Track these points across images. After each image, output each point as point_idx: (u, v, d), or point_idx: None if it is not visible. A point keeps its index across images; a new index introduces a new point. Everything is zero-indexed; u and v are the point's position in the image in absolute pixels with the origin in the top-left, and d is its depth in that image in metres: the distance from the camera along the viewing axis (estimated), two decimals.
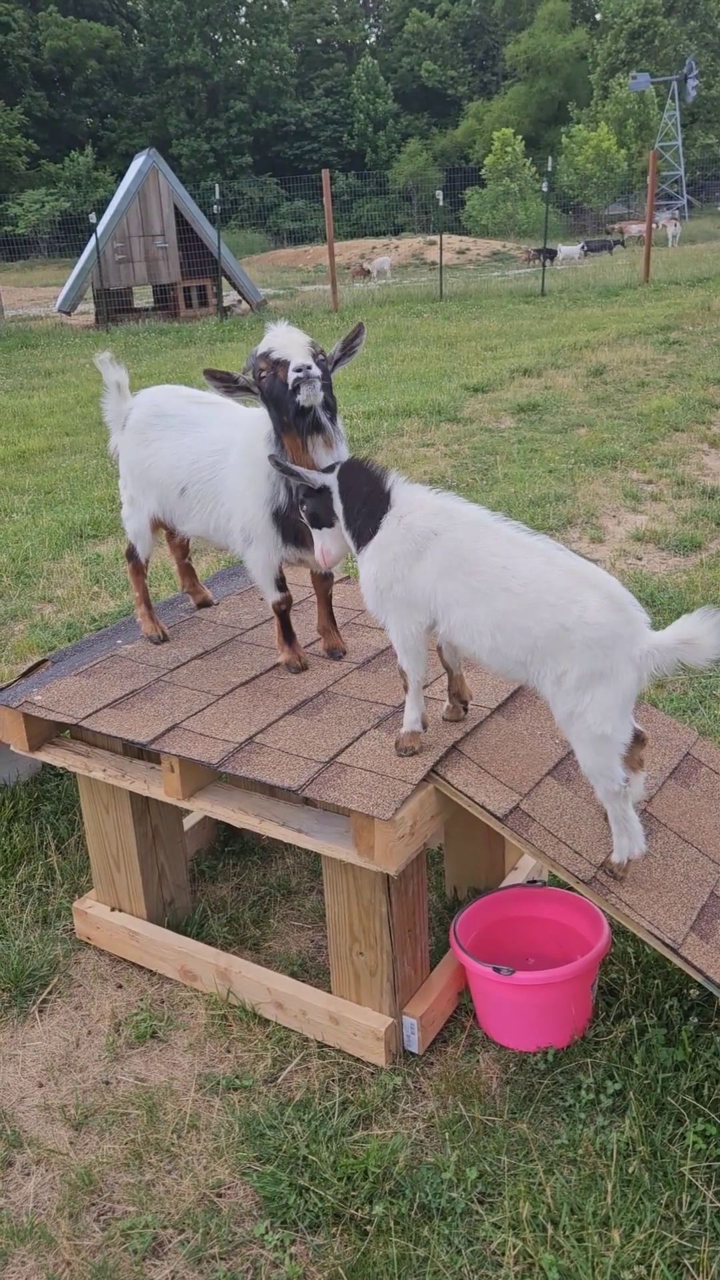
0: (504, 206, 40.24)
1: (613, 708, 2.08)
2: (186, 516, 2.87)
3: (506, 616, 2.13)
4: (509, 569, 2.14)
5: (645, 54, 49.14)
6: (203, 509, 2.80)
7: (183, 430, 2.82)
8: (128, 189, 19.05)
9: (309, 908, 3.06)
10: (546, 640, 2.10)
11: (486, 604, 2.16)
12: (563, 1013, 2.44)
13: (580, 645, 2.07)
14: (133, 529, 3.03)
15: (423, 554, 2.22)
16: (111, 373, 2.97)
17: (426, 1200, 2.11)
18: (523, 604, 2.11)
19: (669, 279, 18.77)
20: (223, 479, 2.73)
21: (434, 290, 19.81)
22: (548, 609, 2.09)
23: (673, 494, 6.57)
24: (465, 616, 2.19)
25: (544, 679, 2.14)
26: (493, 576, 2.15)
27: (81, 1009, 2.74)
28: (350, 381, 10.67)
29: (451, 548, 2.20)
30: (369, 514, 2.30)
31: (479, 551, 2.18)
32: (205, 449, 2.77)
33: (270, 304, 20.51)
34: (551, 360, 11.17)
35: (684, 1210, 2.04)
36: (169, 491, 2.86)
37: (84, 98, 57.19)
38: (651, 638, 2.08)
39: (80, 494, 7.19)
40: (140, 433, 2.89)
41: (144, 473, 2.90)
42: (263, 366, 2.47)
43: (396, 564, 2.25)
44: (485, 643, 2.18)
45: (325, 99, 61.19)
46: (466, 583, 2.18)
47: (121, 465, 2.99)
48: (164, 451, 2.83)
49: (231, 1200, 2.18)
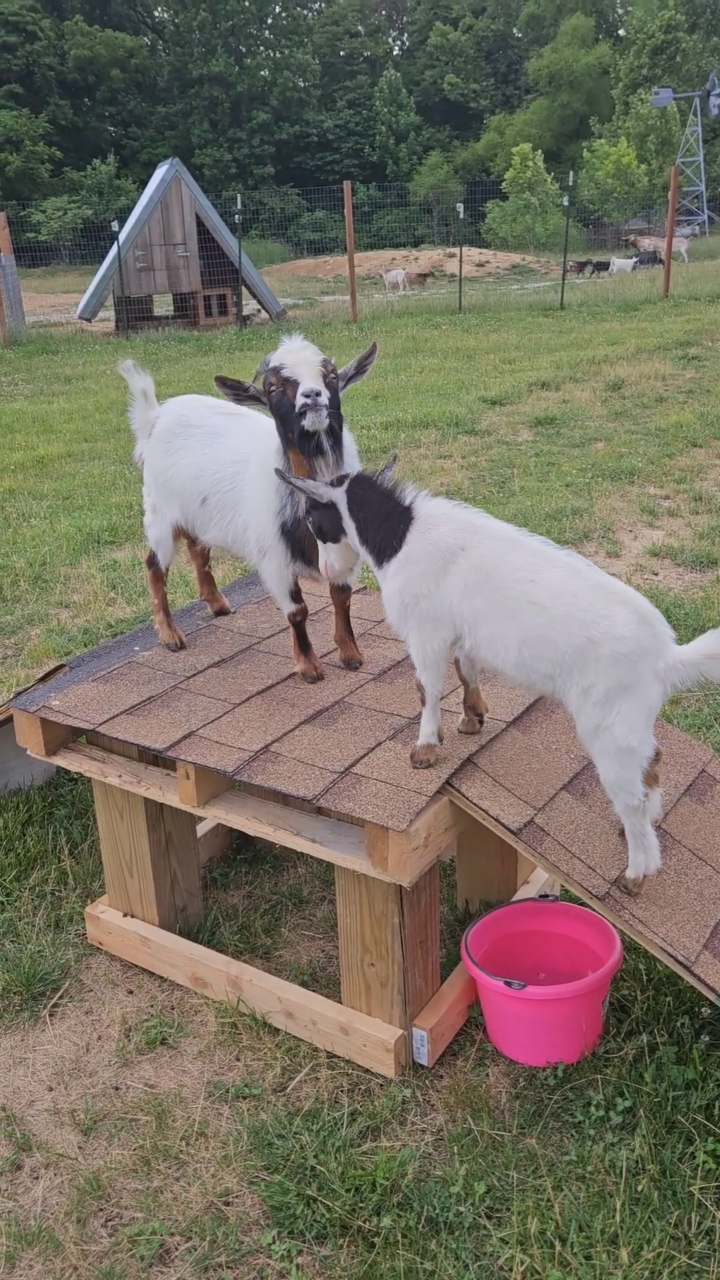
0: (524, 220, 40.32)
1: (639, 721, 2.09)
2: (207, 526, 2.89)
3: (533, 631, 2.14)
4: (536, 583, 2.15)
5: (667, 70, 49.24)
6: (222, 519, 2.82)
7: (206, 440, 2.84)
8: (150, 198, 19.17)
9: (320, 917, 3.06)
10: (574, 654, 2.10)
11: (513, 619, 2.16)
12: (573, 1028, 2.43)
13: (608, 659, 2.08)
14: (154, 536, 3.05)
15: (449, 569, 2.23)
16: (137, 380, 2.99)
17: (434, 1214, 2.11)
18: (550, 618, 2.12)
19: (689, 294, 18.77)
20: (242, 490, 2.75)
21: (453, 302, 19.86)
22: (575, 623, 2.10)
23: (690, 510, 6.56)
24: (492, 631, 2.20)
25: (570, 692, 2.15)
26: (520, 591, 2.16)
27: (92, 1014, 2.75)
28: (368, 392, 10.70)
29: (477, 563, 2.21)
30: (390, 529, 2.30)
31: (505, 566, 2.19)
32: (227, 460, 2.79)
33: (290, 314, 20.59)
34: (570, 374, 11.18)
35: (693, 1230, 2.03)
36: (191, 501, 2.88)
37: (108, 106, 57.62)
38: (677, 652, 2.09)
39: (98, 500, 7.23)
40: (165, 441, 2.91)
41: (167, 481, 2.92)
42: (273, 381, 2.48)
43: (423, 579, 2.25)
44: (512, 656, 2.18)
45: (348, 111, 61.46)
46: (493, 598, 2.18)
47: (146, 473, 3.01)
48: (187, 461, 2.85)
49: (239, 1209, 2.18)
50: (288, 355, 2.47)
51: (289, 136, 58.69)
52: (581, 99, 54.70)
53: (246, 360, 13.94)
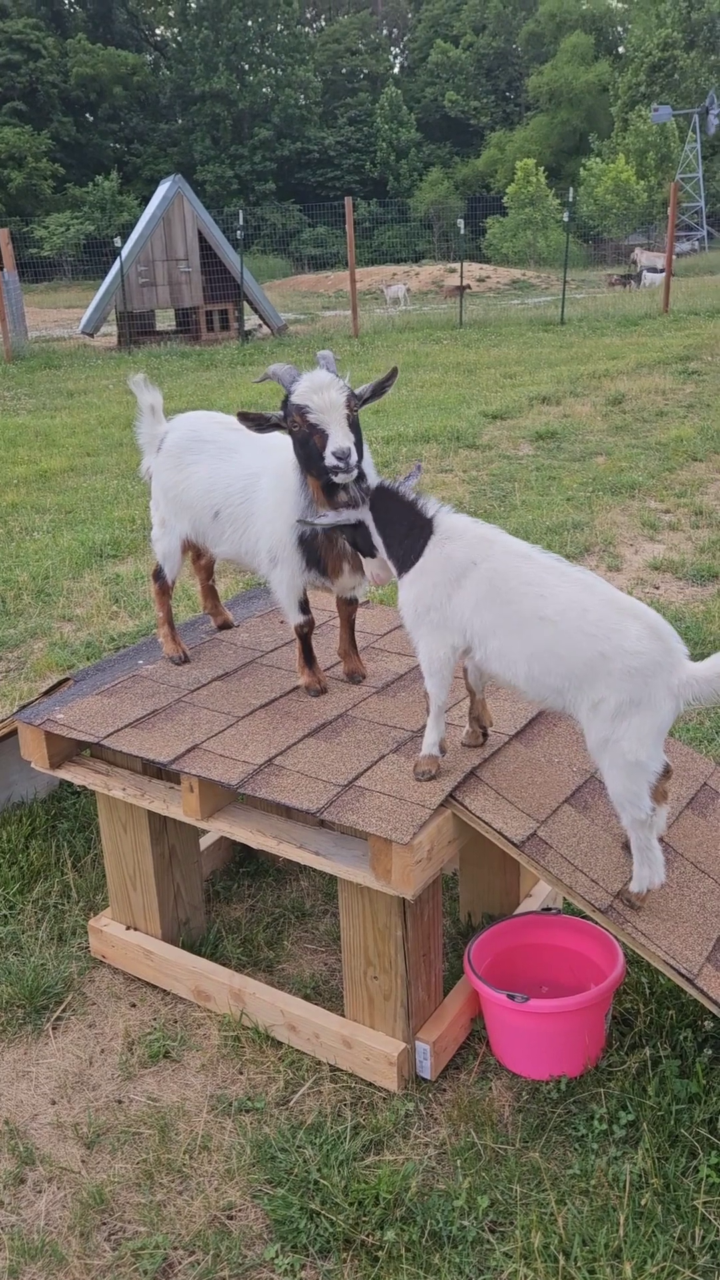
0: (525, 235, 40.51)
1: (649, 736, 2.11)
2: (219, 539, 2.90)
3: (543, 645, 2.16)
4: (545, 598, 2.17)
5: (665, 87, 49.52)
6: (234, 532, 2.84)
7: (218, 456, 2.86)
8: (153, 213, 19.28)
9: (323, 930, 3.06)
10: (584, 668, 2.12)
11: (523, 633, 2.18)
12: (576, 1042, 2.43)
13: (620, 673, 2.09)
14: (162, 550, 3.06)
15: (461, 582, 2.26)
16: (146, 395, 3.01)
17: (438, 1227, 2.10)
18: (559, 632, 2.14)
19: (688, 309, 18.85)
20: (254, 503, 2.77)
21: (454, 317, 19.94)
22: (586, 637, 2.11)
23: (690, 523, 6.58)
24: (501, 645, 2.22)
25: (580, 706, 2.17)
26: (529, 606, 2.18)
27: (95, 1027, 2.75)
28: (370, 407, 10.71)
29: (489, 577, 2.24)
30: (412, 541, 2.34)
31: (515, 581, 2.21)
32: (238, 474, 2.81)
33: (291, 329, 20.68)
34: (570, 388, 11.23)
35: (697, 1244, 2.03)
36: (203, 515, 2.90)
37: (110, 123, 57.98)
38: (690, 668, 2.10)
39: (101, 514, 7.26)
40: (176, 457, 2.93)
41: (178, 496, 2.94)
42: (298, 422, 2.47)
43: (435, 591, 2.28)
44: (521, 670, 2.20)
45: (349, 127, 61.81)
46: (502, 612, 2.21)
47: (154, 487, 3.02)
48: (198, 476, 2.87)
49: (242, 1223, 2.18)
50: (314, 397, 2.45)
51: (290, 153, 59.01)
52: (581, 116, 55.02)
53: (248, 375, 14.00)
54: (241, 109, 57.72)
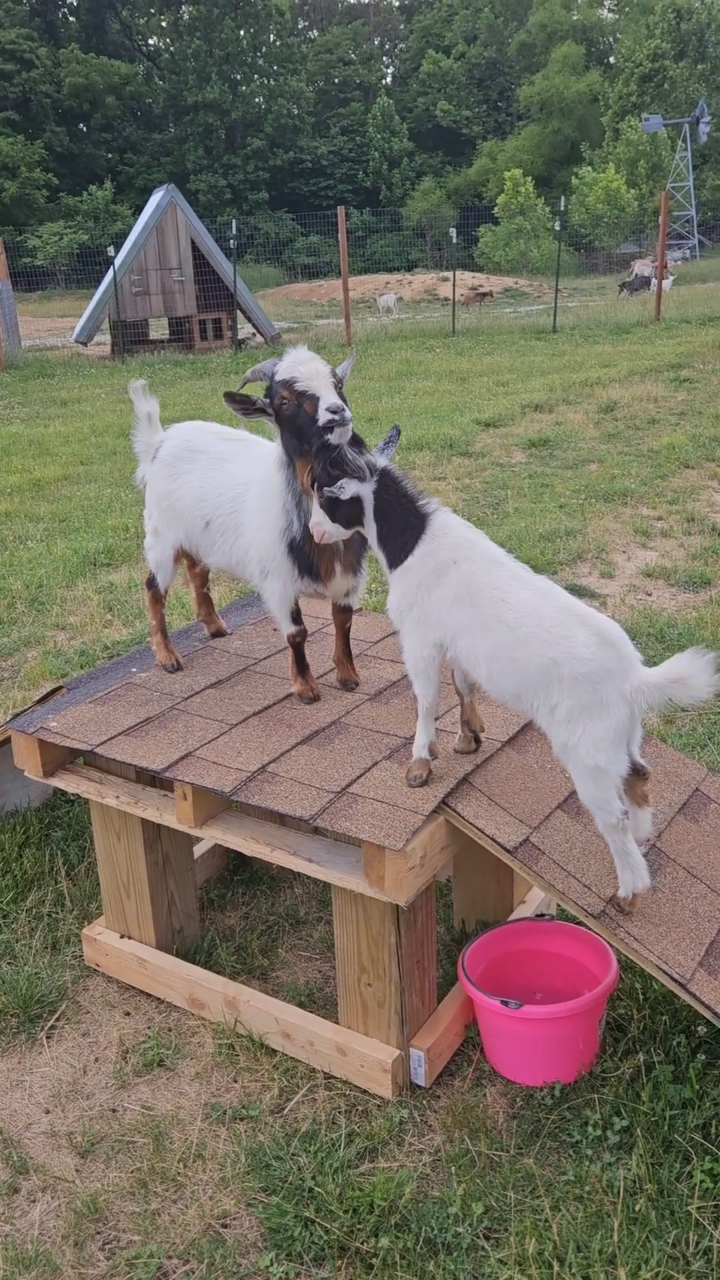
0: (517, 244, 40.66)
1: (604, 740, 2.13)
2: (211, 549, 2.91)
3: (501, 648, 2.20)
4: (506, 603, 2.21)
5: (656, 97, 49.80)
6: (225, 542, 2.85)
7: (211, 466, 2.87)
8: (146, 223, 19.33)
9: (317, 938, 3.07)
10: (538, 673, 2.16)
11: (485, 634, 2.23)
12: (570, 1048, 2.44)
13: (570, 679, 2.13)
14: (155, 559, 3.07)
15: (441, 580, 2.29)
16: (143, 404, 3.03)
17: (432, 1234, 2.10)
18: (515, 637, 2.18)
19: (680, 317, 18.92)
20: (244, 513, 2.78)
21: (446, 325, 20.00)
22: (540, 643, 2.15)
23: (683, 530, 6.60)
24: (468, 645, 2.27)
25: (538, 711, 2.21)
26: (492, 609, 2.22)
27: (89, 1036, 2.74)
28: (363, 415, 10.76)
29: (464, 578, 2.27)
30: (404, 539, 2.36)
31: (484, 584, 2.25)
32: (230, 484, 2.82)
33: (284, 337, 20.72)
34: (563, 396, 11.26)
35: (691, 1249, 2.03)
36: (195, 524, 2.90)
37: (103, 133, 58.13)
38: (642, 674, 2.13)
39: (95, 522, 7.26)
40: (170, 466, 2.94)
41: (171, 505, 2.94)
42: (285, 395, 2.49)
43: (419, 589, 2.31)
44: (483, 671, 2.25)
45: (341, 137, 62.05)
46: (471, 613, 2.24)
47: (148, 496, 3.03)
48: (191, 485, 2.88)
49: (237, 1231, 2.18)
50: (299, 368, 2.49)
51: (283, 162, 59.21)
52: (572, 125, 55.30)
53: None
54: (234, 119, 57.91)
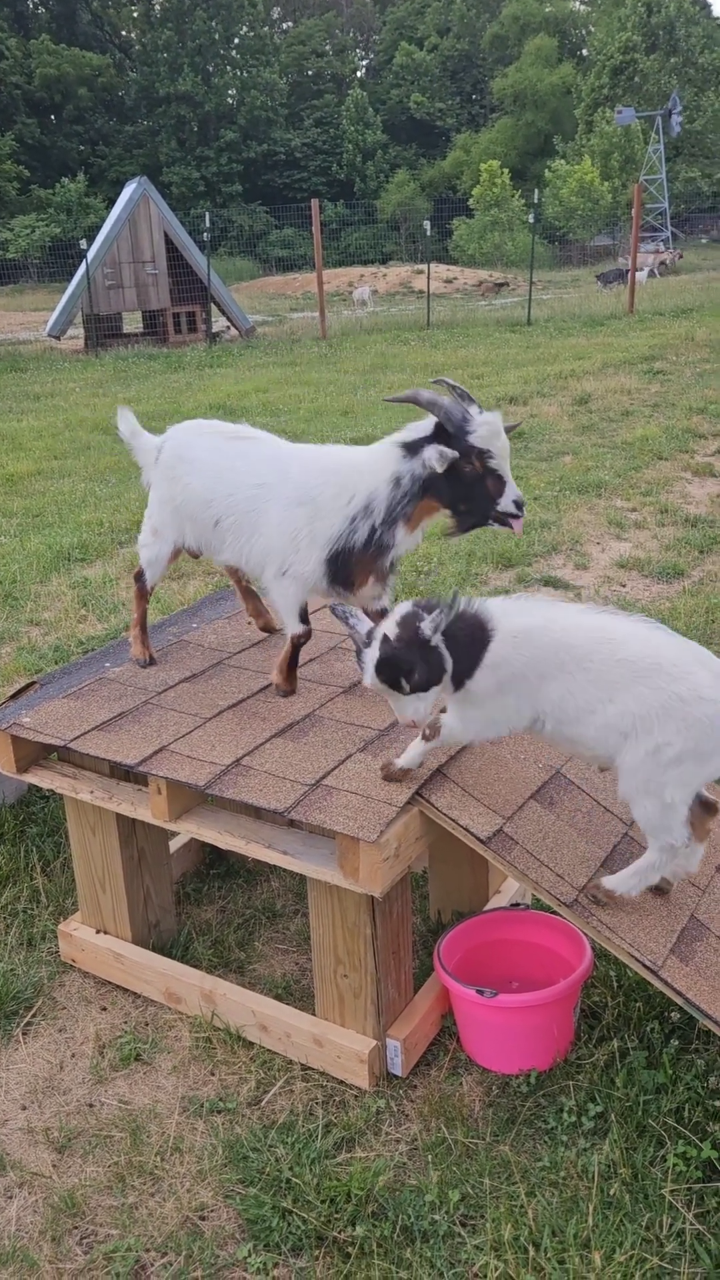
0: (491, 237, 40.68)
1: (694, 783, 2.14)
2: (221, 547, 2.86)
3: (616, 689, 2.12)
4: (615, 642, 2.14)
5: (628, 89, 49.92)
6: (237, 540, 2.79)
7: (216, 464, 2.82)
8: (118, 216, 19.20)
9: (294, 930, 3.07)
10: (658, 709, 2.09)
11: (598, 683, 2.14)
12: (545, 1035, 2.46)
13: (689, 720, 2.08)
14: (148, 557, 3.03)
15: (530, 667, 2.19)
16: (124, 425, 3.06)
17: (409, 1222, 2.12)
18: (634, 672, 2.11)
19: (653, 310, 19.00)
20: (264, 513, 2.72)
21: (421, 318, 20.00)
22: (663, 677, 2.10)
23: (656, 522, 6.64)
24: (578, 703, 2.17)
25: (636, 750, 2.13)
26: (605, 651, 2.14)
27: (66, 1031, 2.74)
28: (337, 408, 10.76)
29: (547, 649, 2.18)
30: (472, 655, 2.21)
31: (579, 637, 2.17)
32: (243, 483, 2.76)
33: (259, 330, 20.66)
34: (537, 389, 11.30)
35: (664, 1232, 2.05)
36: (203, 523, 2.85)
37: (75, 125, 57.65)
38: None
39: (68, 517, 7.22)
40: (172, 467, 2.90)
41: (177, 507, 2.90)
42: (477, 465, 2.48)
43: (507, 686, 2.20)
44: (598, 719, 2.15)
45: (315, 129, 61.85)
46: (580, 671, 2.15)
47: (151, 496, 2.99)
48: (197, 485, 2.83)
49: (215, 1223, 2.19)
50: (495, 442, 2.48)
51: (257, 155, 58.95)
52: (546, 118, 55.36)
53: (216, 377, 13.98)
54: (207, 111, 57.60)
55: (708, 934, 2.30)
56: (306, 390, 12.21)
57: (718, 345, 13.74)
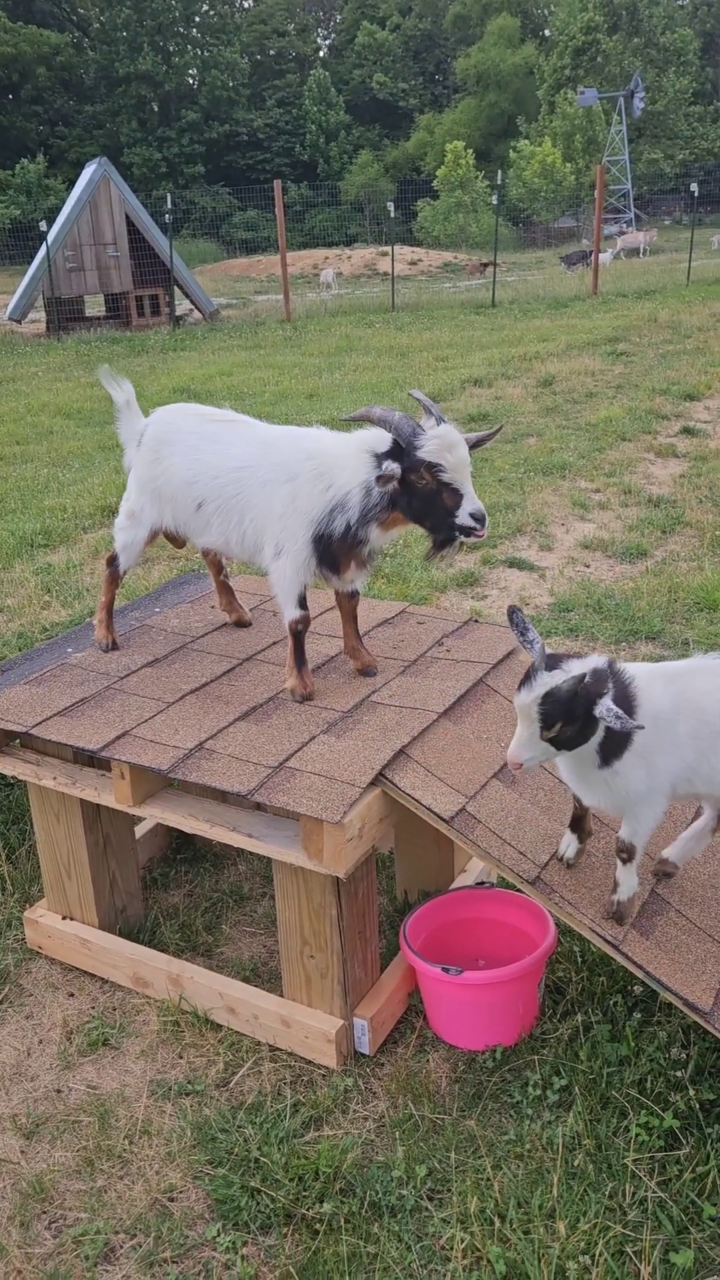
0: (456, 219, 40.58)
1: None
2: (204, 530, 2.84)
3: None
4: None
5: (590, 70, 49.88)
6: (224, 523, 2.77)
7: (199, 447, 2.80)
8: (79, 197, 18.96)
9: (261, 913, 3.08)
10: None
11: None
12: (510, 1011, 2.48)
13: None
14: (124, 541, 3.00)
15: (668, 732, 2.15)
16: (118, 391, 2.98)
17: (377, 1198, 2.14)
18: None
19: (617, 291, 19.06)
20: (250, 494, 2.71)
21: (386, 301, 19.93)
22: None
23: (620, 502, 6.68)
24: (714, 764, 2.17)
25: None
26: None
27: (33, 1018, 2.73)
28: (302, 391, 10.71)
29: (691, 711, 2.16)
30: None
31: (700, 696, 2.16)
32: (227, 465, 2.75)
33: (223, 313, 20.51)
34: (502, 371, 11.30)
35: (627, 1200, 2.09)
36: (185, 506, 2.84)
37: (34, 105, 56.73)
38: None
39: (31, 503, 7.15)
40: (154, 449, 2.88)
41: (158, 489, 2.88)
42: (427, 479, 2.45)
43: (651, 754, 2.15)
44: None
45: (277, 110, 61.27)
46: (709, 732, 2.15)
47: (131, 480, 2.97)
48: (180, 468, 2.81)
49: (183, 1204, 2.20)
50: (446, 455, 2.43)
51: (219, 135, 58.35)
52: (509, 98, 55.20)
53: (180, 360, 13.87)
54: (168, 90, 56.92)
55: (668, 908, 2.33)
56: (271, 373, 12.14)
57: (680, 326, 13.81)
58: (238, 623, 3.24)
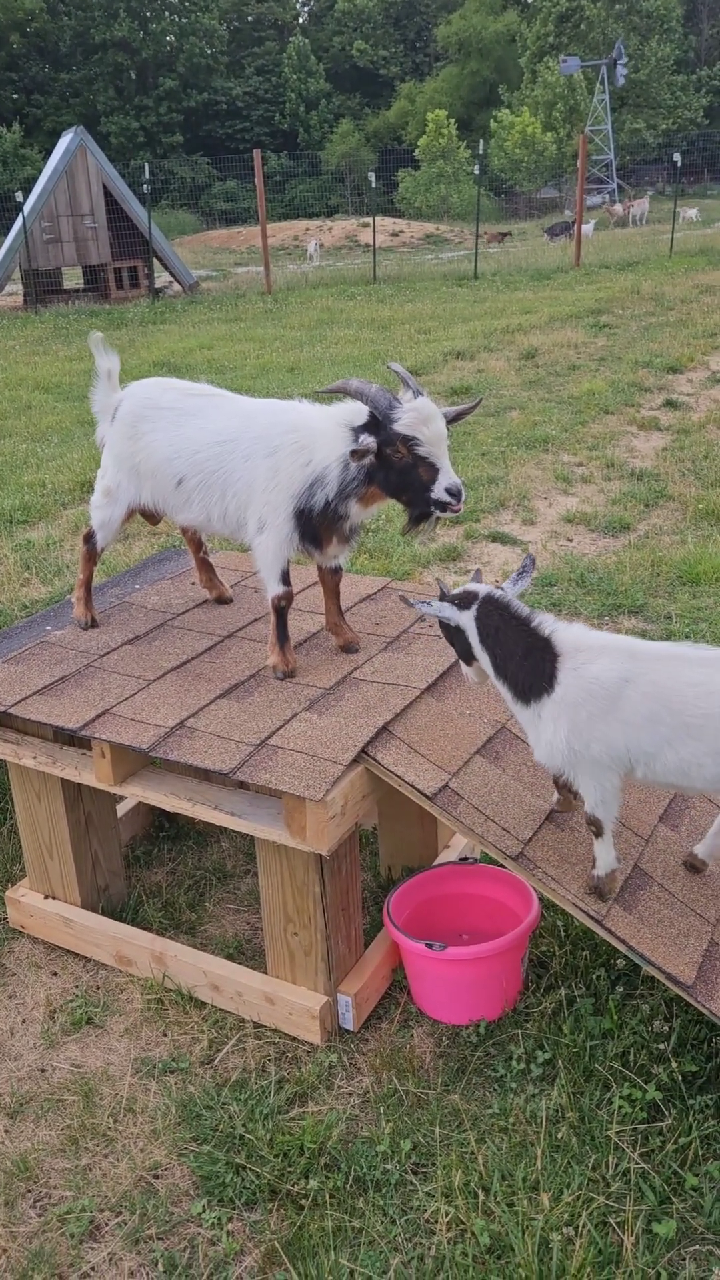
0: (437, 189, 40.20)
1: None
2: (184, 506, 2.79)
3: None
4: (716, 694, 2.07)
5: (573, 38, 49.30)
6: (205, 499, 2.73)
7: (178, 422, 2.76)
8: (55, 167, 18.65)
9: (244, 891, 3.07)
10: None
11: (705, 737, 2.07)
12: (494, 986, 2.49)
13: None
14: (101, 519, 2.96)
15: (617, 705, 2.11)
16: (104, 360, 2.92)
17: (361, 1173, 2.15)
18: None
19: (599, 263, 18.95)
20: (231, 469, 2.67)
21: (368, 273, 19.77)
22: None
23: (603, 476, 6.67)
24: (682, 756, 2.10)
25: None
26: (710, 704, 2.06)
27: (16, 998, 2.72)
28: (284, 365, 10.62)
29: (650, 692, 2.10)
30: (535, 666, 2.17)
31: (680, 684, 2.09)
32: (207, 440, 2.71)
33: (203, 286, 20.30)
34: (484, 343, 11.23)
35: (610, 1172, 2.10)
36: (165, 482, 2.79)
37: (9, 73, 55.72)
38: None
39: (9, 479, 7.08)
40: (131, 425, 2.82)
41: (136, 466, 2.83)
42: (402, 452, 2.42)
43: (592, 723, 2.12)
44: (710, 772, 2.10)
45: (257, 78, 60.43)
46: (677, 721, 2.08)
47: (106, 456, 2.91)
48: (159, 443, 2.77)
49: (169, 1181, 2.20)
50: (423, 429, 2.40)
51: (197, 104, 57.51)
52: (491, 67, 54.58)
53: (160, 334, 13.72)
54: (145, 58, 55.98)
55: (650, 882, 2.33)
56: (252, 346, 12.03)
57: (662, 298, 13.75)
58: (218, 599, 3.21)
